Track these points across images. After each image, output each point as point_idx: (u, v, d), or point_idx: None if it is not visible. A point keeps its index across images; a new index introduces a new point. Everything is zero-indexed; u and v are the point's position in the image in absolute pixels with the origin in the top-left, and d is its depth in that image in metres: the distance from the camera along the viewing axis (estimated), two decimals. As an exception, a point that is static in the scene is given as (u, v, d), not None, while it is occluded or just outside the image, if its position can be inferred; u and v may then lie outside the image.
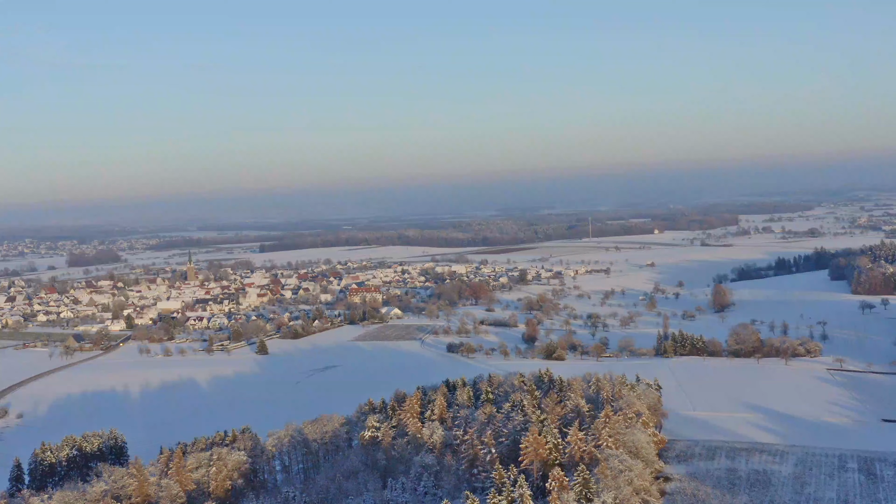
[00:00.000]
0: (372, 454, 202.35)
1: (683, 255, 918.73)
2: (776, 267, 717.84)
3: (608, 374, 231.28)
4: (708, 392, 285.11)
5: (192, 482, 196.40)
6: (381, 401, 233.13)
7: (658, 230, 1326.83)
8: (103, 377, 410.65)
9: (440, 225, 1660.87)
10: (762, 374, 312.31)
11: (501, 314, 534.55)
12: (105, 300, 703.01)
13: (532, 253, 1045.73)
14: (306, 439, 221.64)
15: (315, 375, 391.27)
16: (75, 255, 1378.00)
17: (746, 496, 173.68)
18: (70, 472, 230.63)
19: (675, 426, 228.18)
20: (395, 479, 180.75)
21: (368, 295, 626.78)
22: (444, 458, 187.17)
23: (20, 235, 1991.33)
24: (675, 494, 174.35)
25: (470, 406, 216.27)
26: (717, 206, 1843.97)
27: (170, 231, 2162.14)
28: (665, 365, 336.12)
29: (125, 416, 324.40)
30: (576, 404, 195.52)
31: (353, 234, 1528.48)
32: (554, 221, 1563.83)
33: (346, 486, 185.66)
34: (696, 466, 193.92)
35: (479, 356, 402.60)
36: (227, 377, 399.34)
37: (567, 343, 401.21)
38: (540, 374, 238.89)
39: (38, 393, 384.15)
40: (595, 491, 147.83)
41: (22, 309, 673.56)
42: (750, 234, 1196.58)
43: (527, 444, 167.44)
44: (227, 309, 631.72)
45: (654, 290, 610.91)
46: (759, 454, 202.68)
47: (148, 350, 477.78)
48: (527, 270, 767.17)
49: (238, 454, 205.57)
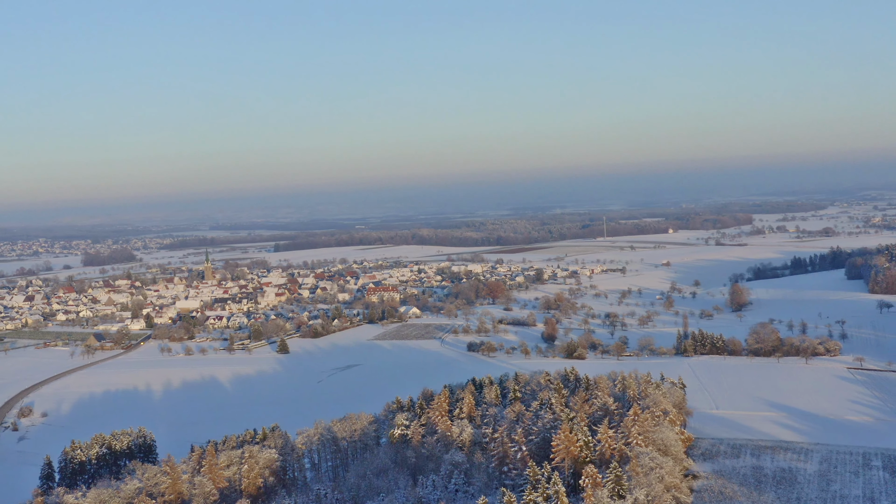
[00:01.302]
0: (402, 452, 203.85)
1: (698, 255, 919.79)
2: (792, 266, 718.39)
3: (634, 372, 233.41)
4: (730, 391, 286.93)
5: (224, 480, 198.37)
6: (408, 399, 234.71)
7: (672, 229, 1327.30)
8: (125, 376, 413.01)
9: (453, 224, 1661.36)
10: (783, 373, 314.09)
11: (519, 313, 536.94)
12: (123, 299, 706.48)
13: (547, 252, 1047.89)
14: (335, 437, 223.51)
15: (337, 374, 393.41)
16: (90, 255, 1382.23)
17: (773, 493, 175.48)
18: (100, 470, 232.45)
19: (698, 424, 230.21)
20: (426, 477, 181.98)
21: (386, 294, 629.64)
22: (474, 456, 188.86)
23: (34, 235, 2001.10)
24: (702, 492, 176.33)
25: (498, 404, 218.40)
26: (729, 206, 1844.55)
27: (182, 230, 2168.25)
28: (686, 364, 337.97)
29: (149, 414, 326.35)
30: (604, 402, 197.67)
31: (367, 233, 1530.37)
32: (567, 221, 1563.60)
33: (377, 484, 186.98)
34: (722, 464, 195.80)
35: (500, 355, 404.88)
36: (249, 376, 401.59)
37: (587, 342, 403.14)
38: (566, 372, 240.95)
39: (60, 392, 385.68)
40: (627, 488, 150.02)
41: (41, 308, 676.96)
42: (764, 233, 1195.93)
43: (558, 441, 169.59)
44: (245, 308, 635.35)
45: (671, 290, 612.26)
46: (783, 452, 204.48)
47: (169, 349, 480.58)
48: (543, 270, 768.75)
49: (269, 452, 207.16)
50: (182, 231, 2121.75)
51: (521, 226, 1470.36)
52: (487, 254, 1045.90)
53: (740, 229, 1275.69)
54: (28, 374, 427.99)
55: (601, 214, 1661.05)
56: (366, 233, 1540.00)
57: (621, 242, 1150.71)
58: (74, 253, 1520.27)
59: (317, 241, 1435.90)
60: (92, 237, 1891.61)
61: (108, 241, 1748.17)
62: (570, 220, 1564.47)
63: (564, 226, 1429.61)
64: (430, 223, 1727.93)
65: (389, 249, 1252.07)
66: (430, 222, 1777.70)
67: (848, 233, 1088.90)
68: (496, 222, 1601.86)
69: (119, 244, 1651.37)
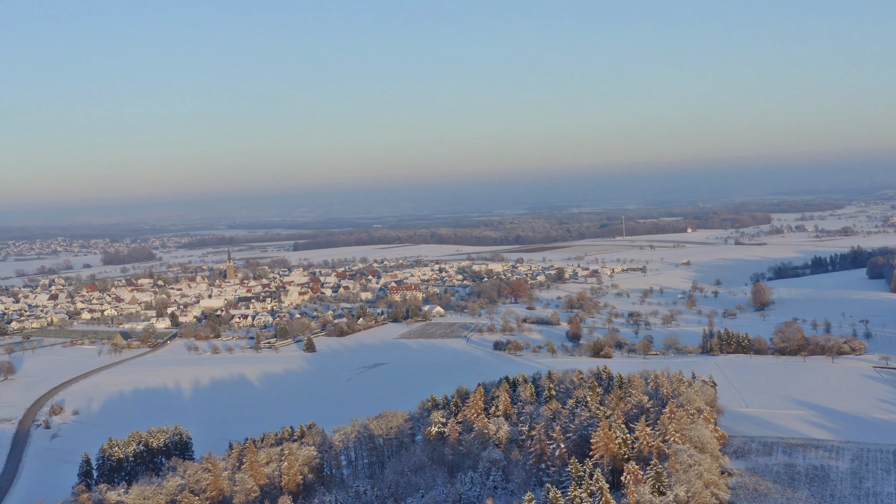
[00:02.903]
0: (438, 449, 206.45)
1: (718, 254, 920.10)
2: (813, 266, 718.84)
3: (666, 370, 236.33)
4: (758, 389, 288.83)
5: (264, 477, 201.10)
6: (443, 397, 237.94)
7: (691, 229, 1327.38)
8: (154, 374, 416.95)
9: (470, 223, 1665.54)
10: (810, 372, 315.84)
11: (543, 312, 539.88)
12: (147, 298, 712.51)
13: (566, 251, 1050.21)
14: (372, 434, 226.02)
15: (365, 373, 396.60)
16: (109, 254, 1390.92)
17: (807, 490, 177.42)
18: (137, 468, 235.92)
19: (729, 422, 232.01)
20: (464, 474, 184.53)
21: (409, 293, 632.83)
22: (511, 454, 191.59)
23: (51, 234, 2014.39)
24: (737, 489, 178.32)
25: (533, 402, 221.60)
26: (747, 205, 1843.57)
27: (199, 229, 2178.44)
28: (713, 363, 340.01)
29: (180, 412, 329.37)
30: (639, 400, 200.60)
31: (385, 232, 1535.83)
32: (585, 220, 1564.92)
33: (415, 481, 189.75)
34: (755, 462, 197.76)
35: (527, 354, 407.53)
36: (277, 374, 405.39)
37: (613, 341, 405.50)
38: (598, 370, 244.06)
39: (90, 390, 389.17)
40: (667, 484, 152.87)
41: (65, 307, 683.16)
42: (783, 232, 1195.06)
43: (597, 438, 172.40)
44: (269, 307, 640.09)
45: (693, 289, 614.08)
46: (814, 450, 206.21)
47: (196, 347, 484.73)
48: (563, 269, 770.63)
49: (308, 449, 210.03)
50: (199, 230, 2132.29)
51: (539, 225, 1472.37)
52: (507, 253, 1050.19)
53: (759, 228, 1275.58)
54: (56, 372, 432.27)
55: (618, 213, 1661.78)
56: (384, 232, 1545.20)
57: (640, 242, 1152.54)
58: (93, 252, 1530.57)
59: (336, 241, 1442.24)
60: (110, 236, 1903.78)
61: (126, 240, 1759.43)
62: (587, 220, 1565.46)
63: (583, 225, 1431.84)
64: (447, 222, 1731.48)
65: (408, 248, 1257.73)
66: (447, 221, 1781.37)
67: (867, 232, 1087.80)
68: (514, 221, 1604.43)
69: (137, 243, 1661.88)
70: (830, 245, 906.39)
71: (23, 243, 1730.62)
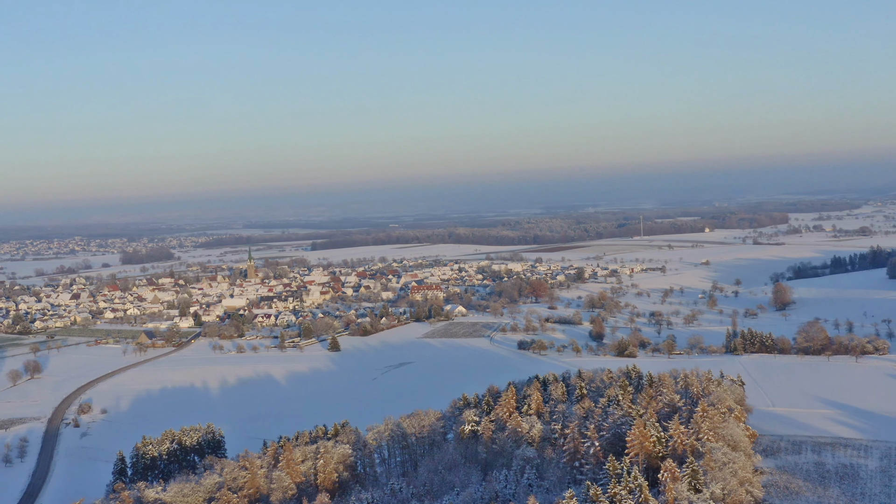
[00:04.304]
0: (471, 447, 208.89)
1: (736, 254, 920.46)
2: (832, 265, 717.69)
3: (695, 370, 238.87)
4: (783, 388, 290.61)
5: (300, 475, 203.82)
6: (474, 396, 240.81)
7: (709, 228, 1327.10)
8: (180, 373, 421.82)
9: (486, 223, 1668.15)
10: (834, 372, 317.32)
11: (564, 312, 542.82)
12: (169, 297, 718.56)
13: (584, 251, 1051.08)
14: (404, 433, 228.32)
15: (391, 372, 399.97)
16: (128, 253, 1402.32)
17: (838, 489, 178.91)
18: (170, 466, 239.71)
19: (757, 421, 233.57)
20: (498, 472, 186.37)
21: (430, 293, 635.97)
22: (544, 452, 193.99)
23: (68, 233, 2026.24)
24: (768, 487, 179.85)
25: (564, 401, 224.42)
26: (764, 205, 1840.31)
27: (216, 229, 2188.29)
28: (737, 362, 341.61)
29: (209, 410, 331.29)
30: (670, 399, 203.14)
31: (403, 231, 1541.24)
32: (602, 219, 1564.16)
33: (450, 478, 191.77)
34: (785, 460, 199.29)
35: (551, 353, 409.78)
36: (303, 373, 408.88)
37: (637, 340, 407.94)
38: (627, 369, 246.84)
39: (117, 388, 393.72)
40: (703, 482, 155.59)
41: (88, 306, 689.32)
42: (801, 232, 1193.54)
43: (632, 437, 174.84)
44: (291, 306, 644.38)
45: (713, 289, 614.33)
46: (843, 448, 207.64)
47: (220, 347, 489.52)
48: (583, 268, 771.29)
49: (343, 447, 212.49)
50: (215, 229, 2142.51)
51: (556, 224, 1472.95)
52: (525, 252, 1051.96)
53: (776, 228, 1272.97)
54: (82, 371, 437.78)
55: (634, 213, 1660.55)
56: (402, 231, 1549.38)
57: (658, 241, 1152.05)
58: (111, 251, 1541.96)
59: (353, 240, 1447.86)
60: (127, 235, 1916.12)
61: (144, 240, 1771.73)
62: (604, 219, 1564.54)
63: (600, 224, 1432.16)
64: (463, 222, 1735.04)
65: (426, 248, 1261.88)
66: (464, 221, 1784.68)
67: (885, 232, 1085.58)
68: (531, 221, 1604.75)
69: (155, 243, 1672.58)
70: (849, 245, 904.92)
71: (40, 242, 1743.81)
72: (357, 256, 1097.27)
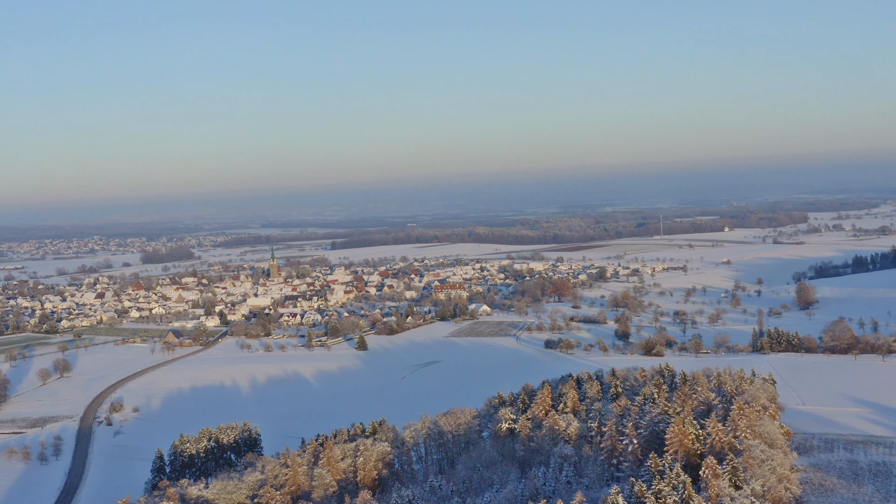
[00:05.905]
0: (508, 445, 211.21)
1: (757, 253, 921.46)
2: (854, 265, 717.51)
3: (727, 368, 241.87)
4: (812, 387, 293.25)
5: (340, 472, 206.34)
6: (509, 394, 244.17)
7: (728, 228, 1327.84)
8: (209, 371, 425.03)
9: (505, 222, 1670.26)
10: (862, 370, 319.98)
11: (589, 311, 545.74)
12: (193, 296, 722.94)
13: (605, 250, 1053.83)
14: (441, 431, 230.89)
15: (420, 370, 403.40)
16: (148, 253, 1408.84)
17: (872, 486, 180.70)
18: (207, 464, 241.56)
19: (788, 419, 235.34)
20: (536, 469, 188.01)
21: (453, 292, 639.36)
22: (581, 449, 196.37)
23: (87, 233, 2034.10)
24: (803, 484, 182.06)
25: (600, 399, 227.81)
26: (782, 204, 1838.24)
27: (234, 228, 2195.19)
28: (765, 361, 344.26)
29: (240, 409, 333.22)
30: (705, 397, 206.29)
31: (422, 231, 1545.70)
32: (620, 219, 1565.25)
33: (488, 476, 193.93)
34: (818, 458, 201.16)
35: (578, 352, 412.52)
36: (332, 372, 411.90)
37: (663, 339, 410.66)
38: (660, 368, 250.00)
39: (147, 387, 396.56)
40: (743, 479, 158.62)
41: (113, 305, 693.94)
42: (821, 231, 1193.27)
43: (671, 434, 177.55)
44: (316, 305, 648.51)
45: (735, 288, 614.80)
46: (874, 446, 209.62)
47: (248, 346, 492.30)
48: (605, 268, 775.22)
49: (382, 445, 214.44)
50: (233, 229, 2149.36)
51: (575, 224, 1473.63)
52: (546, 252, 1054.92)
53: (796, 227, 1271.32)
54: (111, 369, 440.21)
55: (652, 212, 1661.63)
56: (421, 231, 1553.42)
57: (678, 241, 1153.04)
58: (131, 251, 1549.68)
59: (373, 239, 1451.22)
60: (145, 235, 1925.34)
61: (163, 239, 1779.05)
62: (623, 218, 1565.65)
63: (620, 224, 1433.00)
64: (481, 221, 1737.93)
65: (446, 247, 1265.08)
66: (481, 220, 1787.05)
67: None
68: (550, 220, 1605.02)
69: (174, 242, 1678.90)
70: (869, 244, 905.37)
71: (59, 242, 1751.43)
72: (377, 256, 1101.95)
